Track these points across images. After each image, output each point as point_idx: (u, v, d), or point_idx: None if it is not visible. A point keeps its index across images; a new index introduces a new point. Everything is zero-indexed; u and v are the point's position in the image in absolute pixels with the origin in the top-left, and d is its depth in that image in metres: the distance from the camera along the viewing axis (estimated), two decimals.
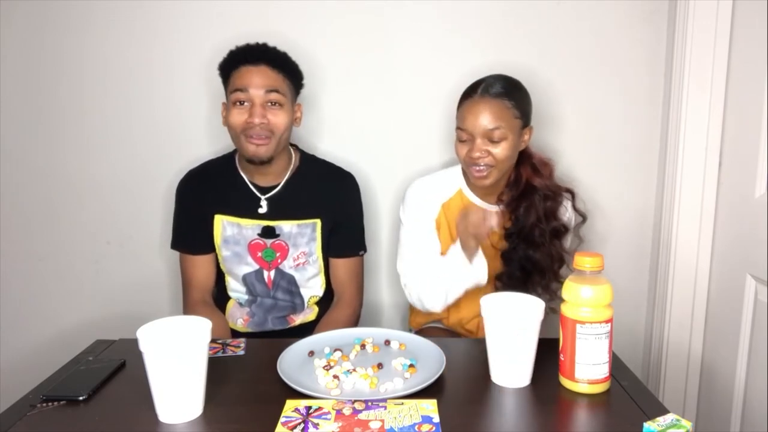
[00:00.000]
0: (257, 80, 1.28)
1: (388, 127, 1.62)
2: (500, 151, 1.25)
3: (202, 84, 1.58)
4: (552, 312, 1.40)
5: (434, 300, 1.33)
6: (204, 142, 1.58)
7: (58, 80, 1.59)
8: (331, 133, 1.62)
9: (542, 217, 1.31)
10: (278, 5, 1.55)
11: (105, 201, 1.65)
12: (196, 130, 1.60)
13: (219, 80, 1.34)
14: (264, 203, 1.37)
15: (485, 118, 1.24)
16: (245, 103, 1.28)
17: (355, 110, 1.61)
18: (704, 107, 1.48)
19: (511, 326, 0.94)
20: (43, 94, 1.59)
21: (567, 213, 1.37)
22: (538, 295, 1.32)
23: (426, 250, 1.36)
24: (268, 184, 1.38)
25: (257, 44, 1.34)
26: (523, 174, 1.32)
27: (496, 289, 1.35)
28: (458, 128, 1.29)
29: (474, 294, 1.39)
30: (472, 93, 1.28)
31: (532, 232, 1.31)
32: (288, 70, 1.34)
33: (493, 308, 0.97)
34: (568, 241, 1.40)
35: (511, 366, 0.96)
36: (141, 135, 1.61)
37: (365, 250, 1.48)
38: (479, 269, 1.28)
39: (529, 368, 0.97)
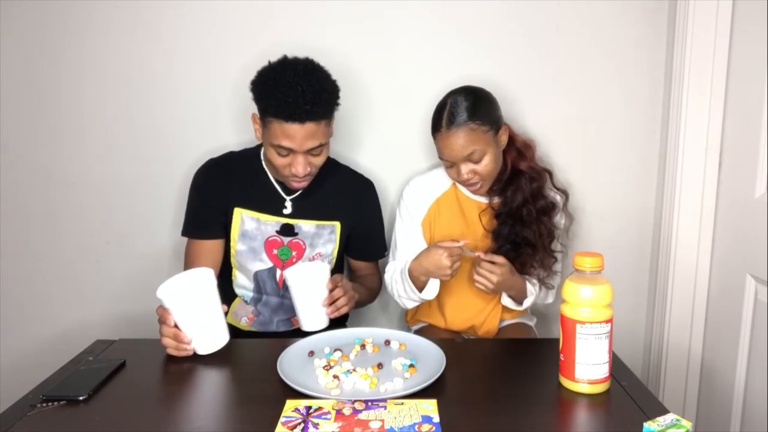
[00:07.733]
0: (302, 140, 1.22)
1: (392, 128, 1.62)
2: (485, 166, 1.30)
3: (203, 84, 1.57)
4: (549, 287, 1.42)
5: (401, 302, 1.40)
6: (205, 142, 1.58)
7: (58, 80, 1.58)
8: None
9: (529, 198, 1.36)
10: (278, 5, 1.54)
11: (105, 201, 1.64)
12: (196, 130, 1.60)
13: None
14: (289, 204, 1.37)
15: (458, 147, 1.27)
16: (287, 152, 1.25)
17: (356, 111, 1.61)
18: (704, 107, 1.48)
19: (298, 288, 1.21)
20: (43, 95, 1.59)
21: (552, 192, 1.42)
22: (534, 270, 1.36)
23: (408, 250, 1.40)
24: None
25: (303, 97, 1.19)
26: (509, 160, 1.36)
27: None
28: (440, 157, 1.34)
29: (466, 296, 1.41)
30: (438, 125, 1.30)
31: (519, 212, 1.35)
32: (333, 110, 1.29)
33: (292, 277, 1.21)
34: (561, 219, 1.43)
35: (310, 313, 1.21)
36: (141, 135, 1.61)
37: (388, 251, 1.52)
38: (427, 293, 1.34)
39: (323, 313, 1.21)
